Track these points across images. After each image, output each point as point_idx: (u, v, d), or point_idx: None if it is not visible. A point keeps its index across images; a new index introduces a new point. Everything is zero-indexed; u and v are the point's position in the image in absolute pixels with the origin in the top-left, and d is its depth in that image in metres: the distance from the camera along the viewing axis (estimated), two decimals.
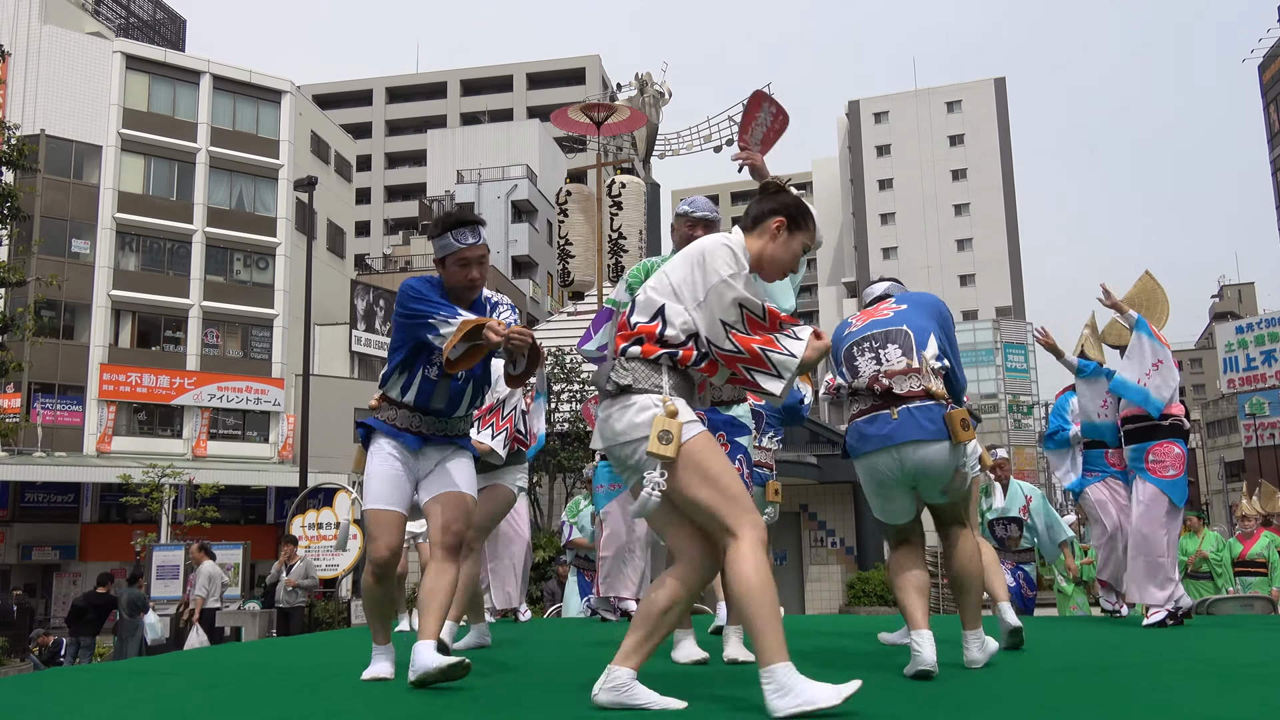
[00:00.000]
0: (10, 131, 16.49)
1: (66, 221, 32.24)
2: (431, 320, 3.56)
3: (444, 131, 59.98)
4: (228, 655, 5.63)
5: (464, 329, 3.44)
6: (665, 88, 24.30)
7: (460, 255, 3.71)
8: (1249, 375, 46.72)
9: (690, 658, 4.09)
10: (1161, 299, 6.01)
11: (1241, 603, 8.22)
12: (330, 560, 15.77)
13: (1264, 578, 9.51)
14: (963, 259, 63.78)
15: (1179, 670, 3.87)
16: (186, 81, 35.07)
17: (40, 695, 3.82)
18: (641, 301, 3.06)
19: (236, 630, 13.16)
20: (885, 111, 67.95)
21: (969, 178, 65.46)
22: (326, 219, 39.58)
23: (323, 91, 64.93)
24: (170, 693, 3.77)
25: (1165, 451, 5.73)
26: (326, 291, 36.07)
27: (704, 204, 4.33)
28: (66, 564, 31.20)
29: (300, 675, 4.01)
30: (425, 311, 3.60)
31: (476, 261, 3.76)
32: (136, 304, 33.35)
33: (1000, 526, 7.55)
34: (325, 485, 18.18)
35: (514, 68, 66.40)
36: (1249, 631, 5.47)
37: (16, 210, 16.55)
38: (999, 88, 66.92)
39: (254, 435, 34.78)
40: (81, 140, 32.81)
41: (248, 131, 35.89)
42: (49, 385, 31.41)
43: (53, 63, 32.77)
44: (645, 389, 2.93)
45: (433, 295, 3.66)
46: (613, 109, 17.93)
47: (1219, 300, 63.45)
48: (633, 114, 18.10)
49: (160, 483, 23.63)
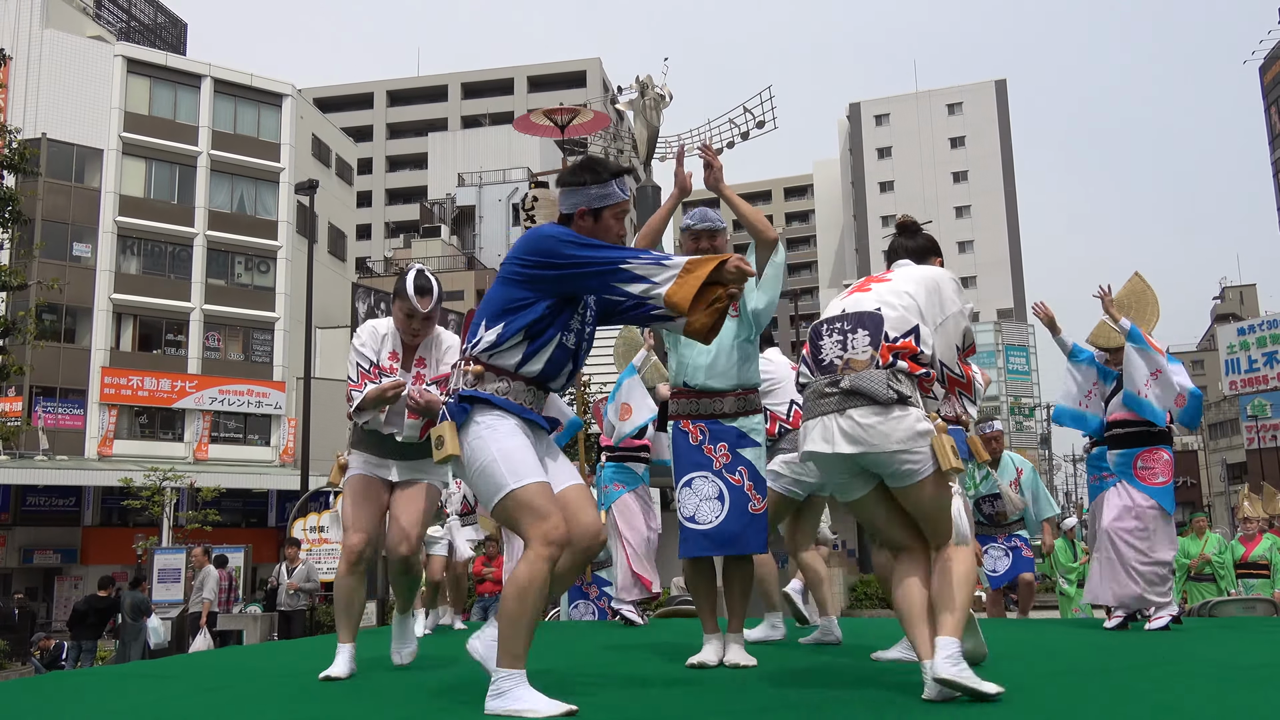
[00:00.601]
0: (11, 135, 16.51)
1: (68, 225, 32.27)
2: (623, 266, 2.97)
3: (445, 135, 60.06)
4: (229, 658, 5.64)
5: (703, 270, 2.90)
6: (666, 90, 24.30)
7: (621, 206, 3.25)
8: (1250, 377, 46.68)
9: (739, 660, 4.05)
10: (1151, 300, 5.96)
11: (1244, 605, 8.21)
12: (332, 563, 15.76)
13: (1266, 580, 9.50)
14: (964, 261, 63.74)
15: (1181, 672, 3.87)
16: (187, 85, 35.10)
17: (42, 698, 3.82)
18: (894, 317, 3.18)
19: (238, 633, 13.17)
20: (886, 114, 67.97)
21: (970, 180, 65.46)
22: (327, 222, 39.60)
23: (324, 95, 64.96)
24: (171, 696, 3.77)
25: (1155, 458, 5.68)
26: (327, 295, 36.07)
27: (706, 215, 4.24)
28: (68, 567, 31.20)
29: (301, 678, 4.00)
30: (609, 258, 3.00)
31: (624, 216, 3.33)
32: (138, 307, 33.37)
33: (988, 504, 7.45)
34: (327, 488, 18.17)
35: (515, 71, 66.44)
36: (1251, 634, 5.46)
37: (18, 214, 16.57)
38: (1000, 90, 66.94)
39: (255, 438, 34.79)
40: (83, 144, 32.84)
41: (249, 135, 35.92)
42: (50, 389, 31.42)
43: (54, 67, 32.80)
44: (917, 404, 3.14)
45: (602, 240, 3.15)
46: (575, 112, 17.91)
47: (1220, 302, 63.42)
48: (595, 116, 18.03)
49: (162, 486, 23.63)
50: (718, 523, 3.97)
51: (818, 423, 3.18)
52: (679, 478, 4.09)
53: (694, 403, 4.14)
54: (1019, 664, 4.11)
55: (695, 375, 4.13)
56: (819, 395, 3.21)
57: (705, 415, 4.11)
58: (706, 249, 4.18)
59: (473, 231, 50.38)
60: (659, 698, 3.40)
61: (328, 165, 40.14)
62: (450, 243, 48.82)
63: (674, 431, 4.19)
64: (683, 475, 4.08)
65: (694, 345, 4.08)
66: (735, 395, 4.12)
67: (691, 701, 3.31)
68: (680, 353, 4.19)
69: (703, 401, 4.12)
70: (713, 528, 3.97)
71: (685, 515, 4.02)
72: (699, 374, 4.12)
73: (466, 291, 44.53)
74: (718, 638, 4.12)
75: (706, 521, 3.98)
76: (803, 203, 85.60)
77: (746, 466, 4.06)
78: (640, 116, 24.39)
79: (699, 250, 4.17)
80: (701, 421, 4.11)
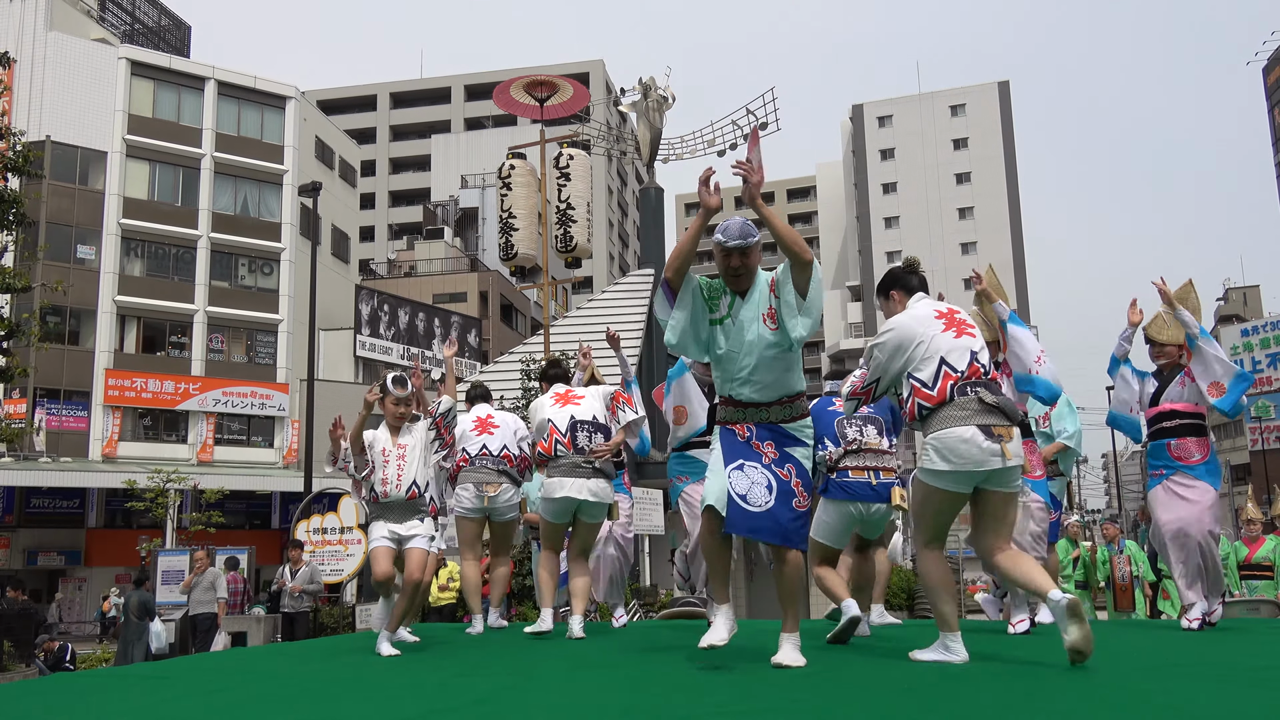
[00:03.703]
0: (16, 138, 16.55)
1: (72, 227, 32.34)
2: None
3: (448, 136, 60.12)
4: (232, 661, 5.64)
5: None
6: (669, 92, 24.32)
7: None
8: (1255, 378, 46.61)
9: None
10: (1193, 305, 6.02)
11: (1248, 606, 8.20)
12: (335, 565, 15.77)
13: (1270, 581, 9.48)
14: (966, 263, 63.57)
15: (1185, 674, 3.86)
16: (191, 87, 35.17)
17: (45, 700, 3.82)
18: (984, 349, 4.16)
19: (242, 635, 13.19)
20: (889, 115, 67.91)
21: (973, 181, 65.39)
22: (331, 224, 39.65)
23: (327, 97, 65.06)
24: (174, 698, 3.77)
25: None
26: (331, 297, 36.11)
27: (737, 229, 4.12)
28: (72, 569, 31.26)
29: (304, 681, 4.01)
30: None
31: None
32: (142, 309, 33.42)
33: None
34: (330, 490, 18.18)
35: (518, 73, 66.40)
36: (1256, 635, 5.45)
37: (22, 216, 16.61)
38: (1003, 91, 66.88)
39: (259, 440, 34.83)
40: (87, 146, 32.91)
41: (252, 137, 35.98)
42: (54, 391, 31.48)
43: (58, 69, 32.88)
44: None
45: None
46: (555, 88, 17.49)
47: (1224, 303, 63.20)
48: (575, 93, 17.65)
49: (165, 488, 23.65)
50: (767, 508, 3.96)
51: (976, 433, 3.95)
52: (729, 462, 4.07)
53: (740, 411, 4.17)
54: (1024, 665, 4.11)
55: (740, 390, 4.15)
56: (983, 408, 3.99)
57: (751, 422, 4.15)
58: (738, 266, 4.14)
59: (476, 233, 50.41)
60: (660, 700, 3.40)
61: (331, 167, 40.18)
62: (453, 245, 48.84)
63: (721, 431, 4.20)
64: (734, 460, 4.07)
65: (735, 359, 4.12)
66: (779, 404, 4.14)
67: (694, 703, 3.31)
68: (723, 367, 4.20)
69: (749, 410, 4.15)
70: (763, 511, 3.96)
71: (738, 493, 3.99)
72: (743, 388, 4.14)
73: (469, 294, 44.53)
74: (729, 607, 4.12)
75: (758, 505, 3.97)
76: (805, 204, 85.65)
77: (794, 464, 4.07)
78: (643, 118, 24.40)
79: (730, 267, 4.14)
80: (749, 424, 4.15)
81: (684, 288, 4.15)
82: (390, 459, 5.42)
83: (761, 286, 4.15)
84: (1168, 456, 5.81)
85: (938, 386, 4.06)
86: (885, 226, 66.07)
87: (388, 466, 5.41)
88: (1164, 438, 5.85)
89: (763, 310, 4.10)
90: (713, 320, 4.20)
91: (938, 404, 4.05)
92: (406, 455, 5.44)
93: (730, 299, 4.18)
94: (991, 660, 4.20)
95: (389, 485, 5.37)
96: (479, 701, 2.99)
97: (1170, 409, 5.87)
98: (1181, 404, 5.86)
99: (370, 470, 5.44)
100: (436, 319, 41.20)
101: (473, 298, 44.16)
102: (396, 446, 5.46)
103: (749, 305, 4.13)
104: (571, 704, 3.03)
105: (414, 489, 5.40)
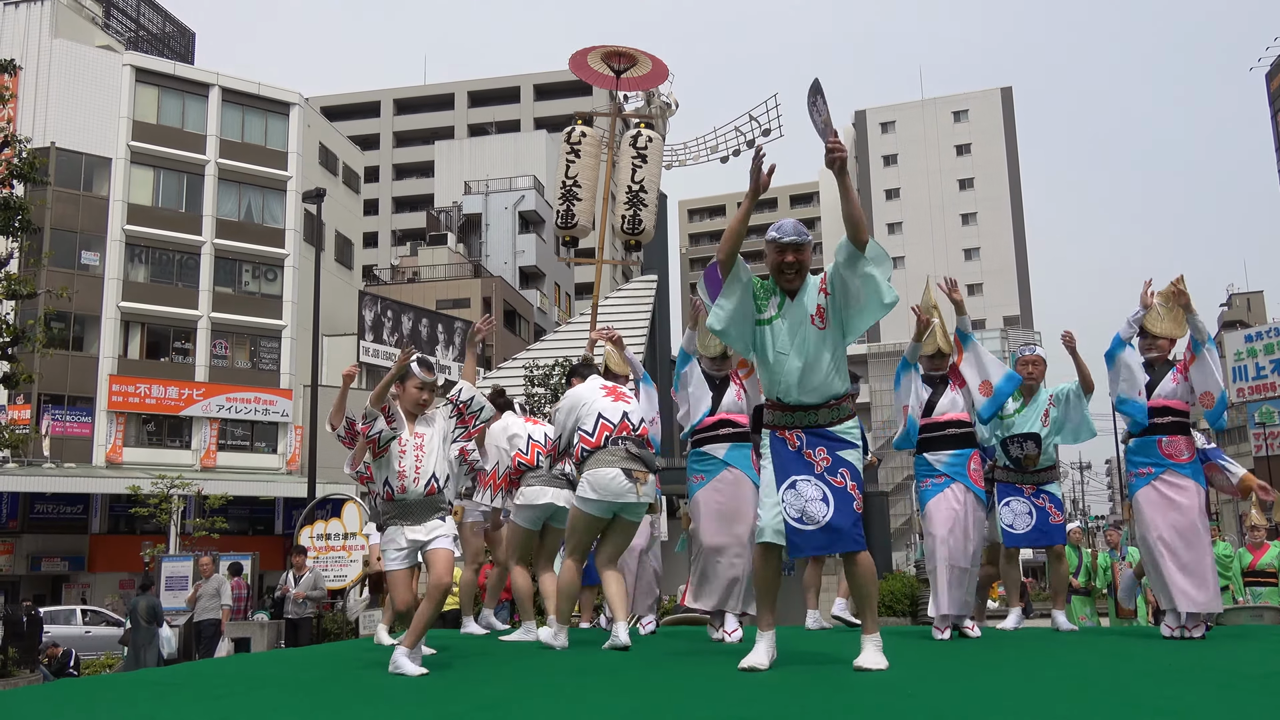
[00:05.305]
0: (21, 144, 16.59)
1: (76, 234, 32.39)
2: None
3: (451, 143, 60.13)
4: (236, 666, 5.64)
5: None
6: (672, 98, 24.37)
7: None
8: (1258, 384, 46.48)
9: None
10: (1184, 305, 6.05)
11: (1252, 613, 8.19)
12: (339, 571, 15.76)
13: (1274, 588, 9.47)
14: (970, 268, 63.66)
15: (1188, 680, 3.86)
16: (195, 94, 35.25)
17: (50, 707, 3.83)
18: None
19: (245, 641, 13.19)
20: (892, 121, 67.99)
21: (976, 187, 65.42)
22: (334, 230, 39.68)
23: (331, 103, 65.11)
24: (179, 704, 3.78)
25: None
26: (334, 302, 36.13)
27: (792, 227, 4.19)
28: (75, 575, 31.26)
29: (308, 687, 4.01)
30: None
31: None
32: (146, 315, 33.47)
33: (1015, 445, 6.17)
34: (334, 496, 18.16)
35: (521, 79, 66.51)
36: (1260, 642, 5.44)
37: (27, 223, 16.64)
38: (1005, 97, 66.96)
39: (262, 446, 34.85)
40: (91, 153, 32.98)
41: (256, 144, 36.04)
42: (59, 396, 31.52)
43: (63, 76, 32.97)
44: None
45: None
46: (634, 60, 16.79)
47: (1228, 309, 63.06)
48: (654, 68, 16.87)
49: (169, 493, 23.66)
50: (826, 520, 3.97)
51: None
52: (781, 481, 4.09)
53: (789, 415, 4.17)
54: (1027, 671, 4.11)
55: (789, 392, 4.15)
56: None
57: (800, 426, 4.14)
58: (793, 262, 4.17)
59: (479, 239, 50.43)
60: (662, 702, 3.40)
61: (335, 173, 40.25)
62: (457, 251, 48.86)
63: (771, 440, 4.19)
64: (786, 478, 4.08)
65: (784, 362, 4.13)
66: (828, 406, 4.15)
67: (695, 704, 3.31)
68: (771, 368, 4.20)
69: (797, 414, 4.15)
70: (822, 526, 3.97)
71: (793, 516, 4.01)
72: (791, 390, 4.14)
73: (473, 299, 44.55)
74: (770, 636, 4.13)
75: (816, 521, 3.98)
76: (809, 210, 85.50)
77: (848, 468, 4.07)
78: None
79: (783, 263, 4.17)
80: (798, 429, 4.14)
81: (733, 276, 4.19)
82: (407, 449, 4.88)
83: (811, 288, 4.19)
84: (1158, 454, 5.72)
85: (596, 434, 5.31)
86: (889, 232, 66.10)
87: (404, 457, 4.86)
88: (1155, 434, 5.76)
89: (811, 311, 4.14)
90: (761, 320, 4.22)
91: (594, 448, 5.27)
92: (425, 445, 4.92)
93: (780, 299, 4.20)
94: (992, 664, 4.20)
95: (406, 479, 4.81)
96: (484, 708, 3.00)
97: (1164, 404, 5.81)
98: (1175, 400, 5.82)
99: (393, 425, 4.89)
100: (440, 325, 41.24)
101: (476, 303, 44.14)
102: (414, 436, 4.93)
103: (799, 306, 4.16)
104: (577, 711, 3.04)
105: (433, 483, 4.85)
